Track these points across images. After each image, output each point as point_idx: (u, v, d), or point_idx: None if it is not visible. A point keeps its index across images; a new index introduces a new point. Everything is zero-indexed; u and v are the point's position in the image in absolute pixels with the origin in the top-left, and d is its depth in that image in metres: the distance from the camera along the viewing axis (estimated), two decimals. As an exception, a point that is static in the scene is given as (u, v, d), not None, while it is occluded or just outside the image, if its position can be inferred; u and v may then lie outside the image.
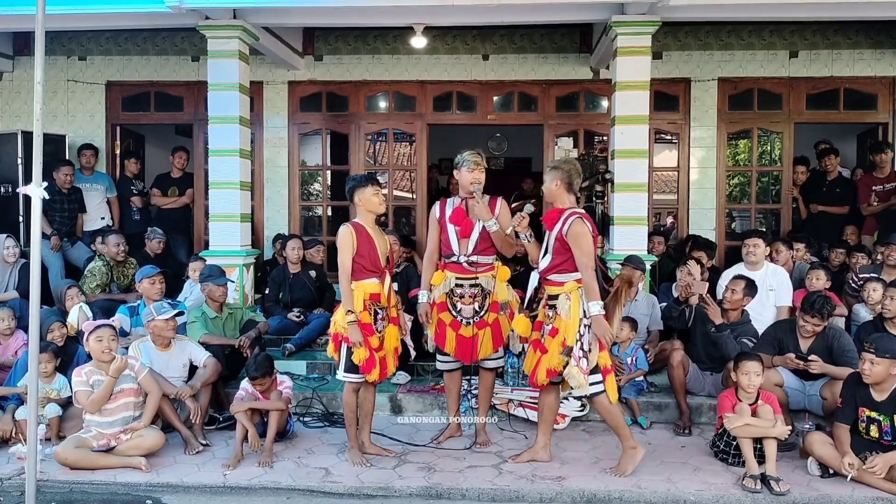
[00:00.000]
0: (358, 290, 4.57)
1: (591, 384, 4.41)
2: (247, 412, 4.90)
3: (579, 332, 4.36)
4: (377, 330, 4.65)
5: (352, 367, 4.61)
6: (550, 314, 4.49)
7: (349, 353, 4.58)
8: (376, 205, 4.69)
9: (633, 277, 4.86)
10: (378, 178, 4.85)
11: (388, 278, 4.76)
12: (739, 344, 5.37)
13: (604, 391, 4.44)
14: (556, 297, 4.46)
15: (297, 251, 7.15)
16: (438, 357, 5.08)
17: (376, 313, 4.65)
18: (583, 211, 4.50)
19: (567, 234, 4.35)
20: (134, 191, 8.49)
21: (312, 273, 7.20)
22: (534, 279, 4.67)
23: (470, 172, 4.81)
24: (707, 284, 5.77)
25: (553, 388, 4.63)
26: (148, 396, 4.91)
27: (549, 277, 4.50)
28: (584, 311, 4.35)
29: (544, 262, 4.54)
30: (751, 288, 5.63)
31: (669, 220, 10.06)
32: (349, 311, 4.53)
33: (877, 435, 4.38)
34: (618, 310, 4.47)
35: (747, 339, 5.46)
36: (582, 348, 4.36)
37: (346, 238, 4.57)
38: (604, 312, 4.32)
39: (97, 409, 4.75)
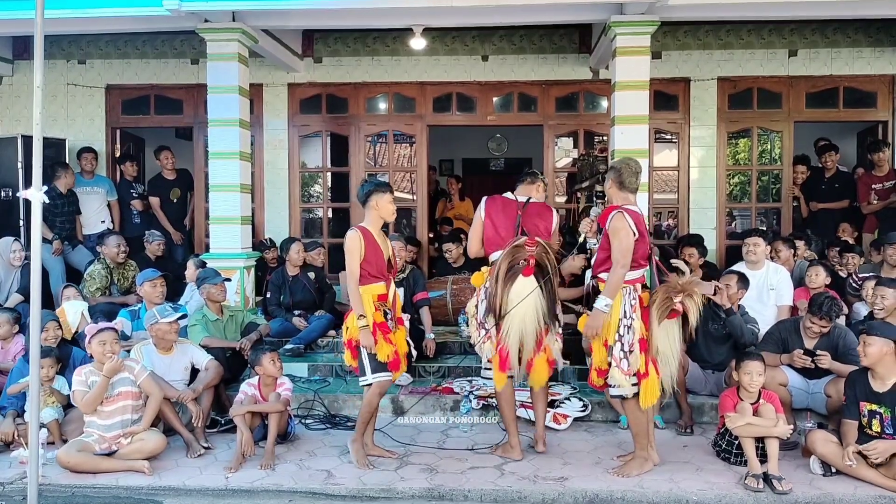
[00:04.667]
0: (366, 294, 4.56)
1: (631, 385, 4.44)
2: (245, 415, 4.89)
3: (619, 332, 4.38)
4: (389, 329, 4.64)
5: (379, 367, 4.58)
6: None
7: (372, 355, 4.56)
8: (391, 212, 4.71)
9: (685, 286, 4.45)
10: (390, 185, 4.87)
11: (392, 284, 4.75)
12: (745, 330, 5.45)
13: (637, 394, 4.45)
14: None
15: (299, 254, 7.14)
16: None
17: (385, 314, 4.64)
18: (632, 208, 4.48)
19: (609, 228, 4.39)
20: (134, 194, 8.49)
21: (311, 275, 7.19)
22: (588, 278, 4.70)
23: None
24: (713, 284, 5.74)
25: (633, 400, 4.49)
26: (148, 399, 4.91)
27: (599, 275, 4.52)
28: (625, 312, 4.38)
29: (594, 259, 4.58)
30: (743, 281, 5.68)
31: (668, 221, 10.07)
32: (361, 315, 4.51)
33: (878, 429, 4.39)
34: (655, 319, 4.39)
35: (752, 326, 5.54)
36: (623, 349, 4.38)
37: (354, 243, 4.54)
38: (607, 311, 4.35)
39: (91, 410, 4.77)
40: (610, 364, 4.44)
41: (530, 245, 4.56)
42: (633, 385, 4.44)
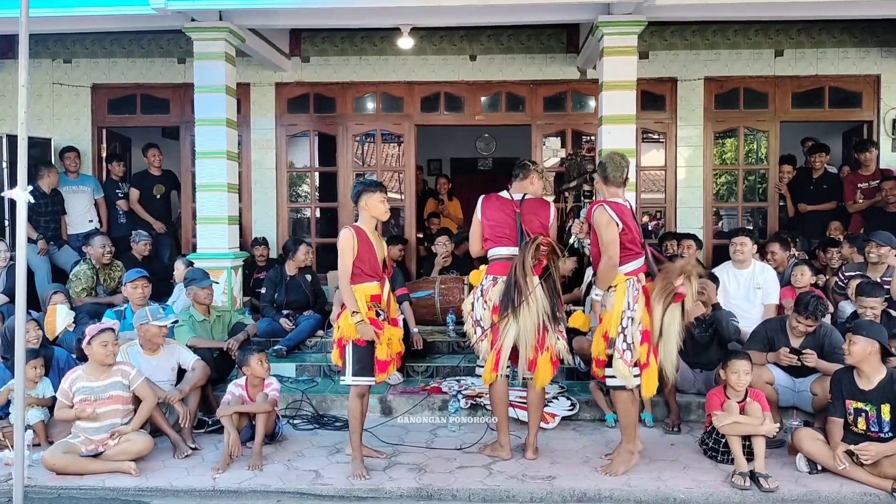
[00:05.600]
0: (358, 293, 4.52)
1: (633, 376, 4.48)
2: (232, 416, 4.87)
3: (622, 324, 4.40)
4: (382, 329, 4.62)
5: (360, 371, 4.54)
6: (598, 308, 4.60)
7: (356, 357, 4.53)
8: (381, 211, 4.66)
9: (671, 273, 4.49)
10: (384, 185, 4.81)
11: (387, 283, 4.74)
12: (730, 325, 5.54)
13: (637, 385, 4.50)
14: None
15: (307, 255, 7.19)
16: None
17: (378, 314, 4.60)
18: (616, 200, 4.51)
19: (593, 223, 4.46)
20: (119, 194, 8.44)
21: (308, 276, 7.20)
22: (588, 275, 4.73)
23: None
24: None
25: (627, 392, 4.52)
26: (142, 403, 4.89)
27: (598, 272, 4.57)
28: (628, 304, 4.39)
29: (592, 257, 4.65)
30: (714, 279, 5.80)
31: (653, 223, 10.11)
32: (354, 311, 4.49)
33: (864, 427, 4.42)
34: (659, 306, 4.40)
35: (734, 321, 5.63)
36: (626, 340, 4.40)
37: (347, 241, 4.52)
38: (598, 299, 4.49)
39: (63, 422, 4.82)
40: (610, 356, 4.46)
41: (545, 245, 4.63)
42: (636, 376, 4.46)
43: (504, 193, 4.87)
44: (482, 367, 4.83)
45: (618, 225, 4.40)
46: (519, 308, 4.49)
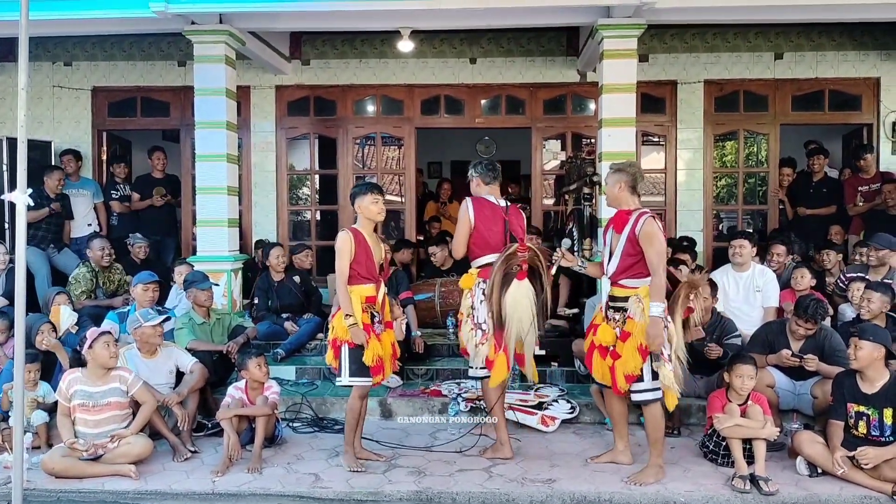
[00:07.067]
0: (354, 295, 4.56)
1: (656, 389, 4.43)
2: (232, 419, 4.87)
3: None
4: (375, 332, 4.64)
5: (357, 371, 4.57)
6: (617, 317, 4.42)
7: (352, 357, 4.55)
8: (374, 213, 4.66)
9: (698, 282, 4.61)
10: (379, 186, 4.80)
11: (382, 286, 4.76)
12: (728, 345, 5.48)
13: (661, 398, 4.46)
14: (623, 299, 4.40)
15: (281, 258, 7.10)
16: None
17: (373, 316, 4.63)
18: (650, 211, 4.44)
19: (640, 234, 4.28)
20: (114, 195, 8.41)
21: (297, 278, 7.16)
22: (605, 287, 4.58)
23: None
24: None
25: (657, 405, 4.47)
26: (142, 407, 4.88)
27: (620, 282, 4.42)
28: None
29: (612, 266, 4.46)
30: (714, 287, 5.73)
31: None
32: (348, 314, 4.51)
33: (865, 431, 4.41)
34: (677, 315, 4.39)
35: (732, 339, 5.55)
36: (669, 351, 4.34)
37: (344, 243, 4.55)
38: (662, 316, 4.25)
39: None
40: (650, 370, 4.38)
41: (522, 251, 4.61)
42: (657, 389, 4.43)
43: (491, 198, 4.86)
44: (483, 367, 4.79)
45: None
46: (503, 319, 4.56)
